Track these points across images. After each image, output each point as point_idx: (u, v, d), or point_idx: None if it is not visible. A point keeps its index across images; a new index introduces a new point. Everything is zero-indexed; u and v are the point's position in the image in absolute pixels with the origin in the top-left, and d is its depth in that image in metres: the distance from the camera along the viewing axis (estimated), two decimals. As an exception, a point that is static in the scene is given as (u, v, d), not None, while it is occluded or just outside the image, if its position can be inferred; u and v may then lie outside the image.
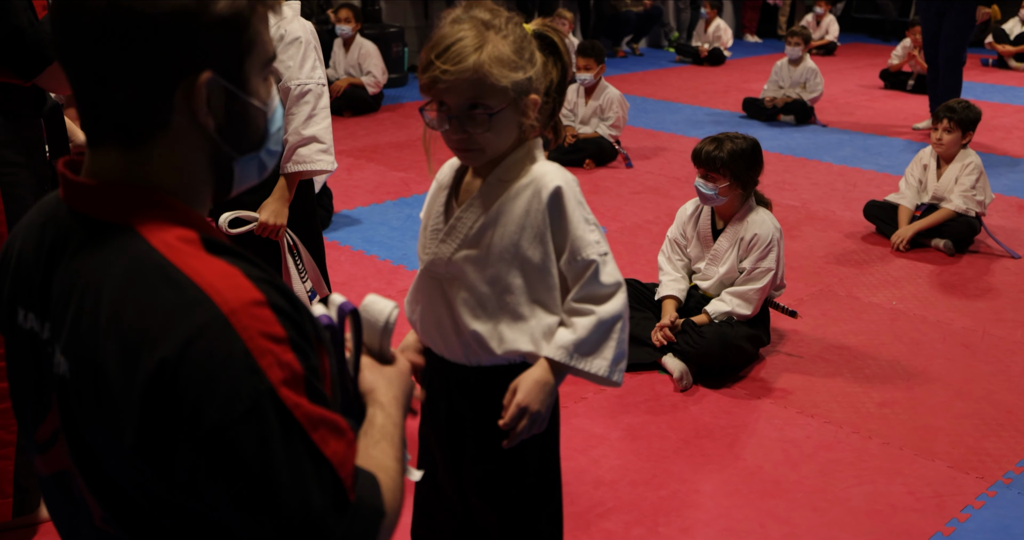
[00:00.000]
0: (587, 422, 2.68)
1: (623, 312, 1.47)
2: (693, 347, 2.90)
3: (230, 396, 0.76)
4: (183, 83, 0.82)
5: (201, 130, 0.85)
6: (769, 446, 2.58)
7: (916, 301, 3.58)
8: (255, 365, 0.77)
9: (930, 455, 2.54)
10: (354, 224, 4.32)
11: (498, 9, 1.38)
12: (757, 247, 2.95)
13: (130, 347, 0.77)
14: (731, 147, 2.90)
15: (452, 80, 1.31)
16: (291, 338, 0.80)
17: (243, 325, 0.77)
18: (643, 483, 2.40)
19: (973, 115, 4.04)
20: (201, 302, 0.77)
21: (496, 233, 1.41)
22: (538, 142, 1.45)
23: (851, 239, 4.26)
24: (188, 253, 0.81)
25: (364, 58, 6.50)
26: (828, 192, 5.00)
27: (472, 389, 1.52)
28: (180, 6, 0.80)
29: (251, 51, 0.86)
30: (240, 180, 0.92)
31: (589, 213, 1.44)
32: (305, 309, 0.87)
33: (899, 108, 7.24)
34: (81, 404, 0.82)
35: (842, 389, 2.91)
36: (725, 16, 10.60)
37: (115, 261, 0.81)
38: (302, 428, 0.79)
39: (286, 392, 0.78)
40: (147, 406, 0.76)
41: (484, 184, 1.43)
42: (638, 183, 5.09)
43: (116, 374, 0.78)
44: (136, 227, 0.83)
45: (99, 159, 0.85)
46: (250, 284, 0.80)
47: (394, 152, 5.61)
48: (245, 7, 0.84)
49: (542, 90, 1.39)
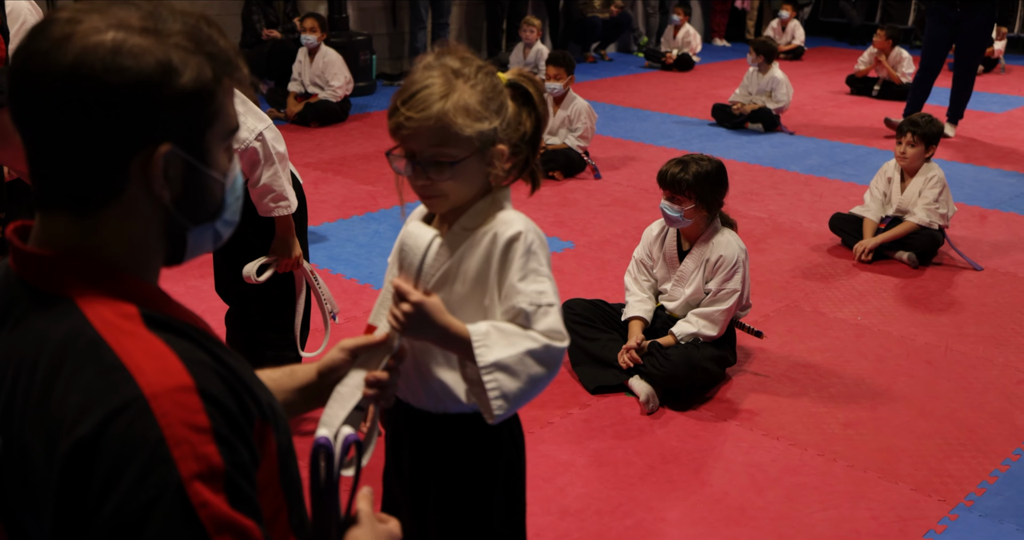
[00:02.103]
0: (553, 448, 2.67)
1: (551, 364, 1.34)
2: (659, 370, 2.89)
3: (134, 484, 0.73)
4: (140, 154, 0.81)
5: (156, 201, 0.84)
6: (735, 471, 2.58)
7: (881, 316, 3.61)
8: (167, 454, 0.74)
9: (893, 478, 2.56)
10: (320, 241, 4.27)
11: (471, 57, 1.36)
12: (723, 269, 2.95)
13: (52, 428, 0.76)
14: (696, 169, 2.90)
15: (416, 127, 1.30)
16: (215, 429, 0.77)
17: (163, 411, 0.75)
18: (609, 512, 2.39)
19: (936, 129, 4.08)
20: (125, 383, 0.76)
21: (458, 281, 1.40)
22: (506, 191, 1.43)
23: (817, 252, 4.29)
24: (123, 330, 0.80)
25: (327, 67, 6.45)
26: (795, 203, 5.03)
27: (437, 436, 1.51)
28: (144, 78, 0.79)
29: (214, 123, 0.85)
30: (193, 250, 0.91)
31: (542, 265, 1.38)
32: (249, 397, 0.84)
33: (865, 114, 7.31)
34: (11, 484, 0.80)
35: (807, 409, 2.92)
36: (694, 21, 10.66)
37: (50, 336, 0.80)
38: (203, 530, 0.75)
39: (197, 487, 0.75)
40: (62, 489, 0.74)
41: (449, 232, 1.41)
42: (607, 195, 5.09)
43: (39, 455, 0.76)
44: (76, 300, 0.81)
45: (48, 226, 0.84)
46: (182, 367, 0.78)
47: (361, 164, 5.56)
48: (211, 80, 0.83)
49: (513, 140, 1.38)
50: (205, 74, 0.82)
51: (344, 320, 3.38)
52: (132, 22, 0.80)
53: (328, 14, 7.62)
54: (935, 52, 6.20)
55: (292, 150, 4.97)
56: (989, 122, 7.17)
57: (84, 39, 0.78)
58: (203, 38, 0.83)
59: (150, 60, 0.79)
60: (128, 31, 0.79)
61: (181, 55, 0.81)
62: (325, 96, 6.48)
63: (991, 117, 7.34)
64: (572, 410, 2.89)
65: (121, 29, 0.79)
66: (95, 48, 0.77)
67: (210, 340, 0.85)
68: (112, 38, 0.78)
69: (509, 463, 1.56)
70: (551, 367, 1.35)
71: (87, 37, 0.78)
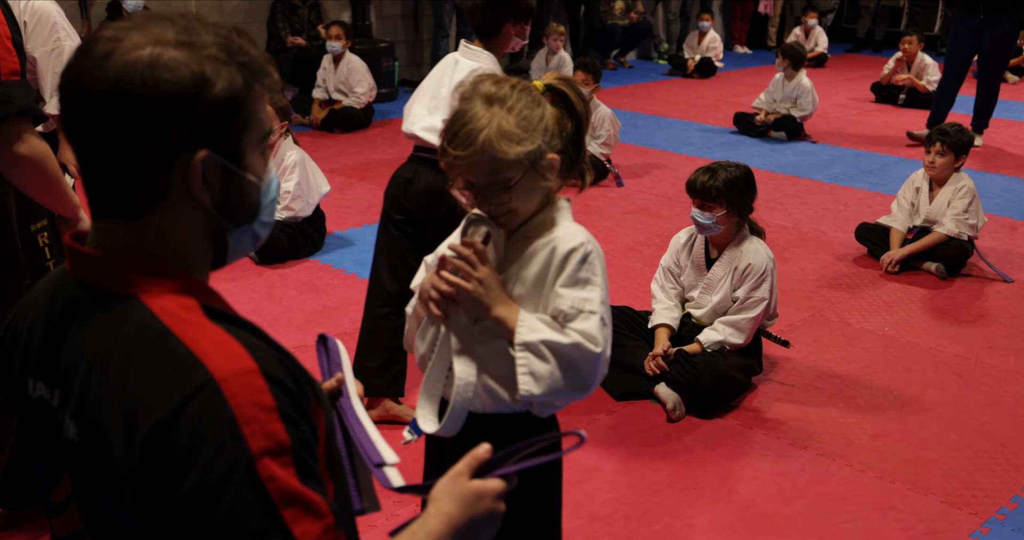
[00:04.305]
0: (580, 453, 2.67)
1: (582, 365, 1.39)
2: (685, 377, 2.89)
3: (209, 460, 0.78)
4: (180, 160, 0.86)
5: (197, 204, 0.88)
6: (762, 479, 2.57)
7: (908, 327, 3.59)
8: (238, 432, 0.79)
9: (923, 489, 2.54)
10: (347, 246, 4.30)
11: (504, 78, 1.41)
12: (751, 277, 2.95)
13: (130, 413, 0.81)
14: (725, 176, 2.91)
15: (466, 163, 1.38)
16: (280, 408, 0.82)
17: (232, 392, 0.80)
18: (636, 518, 2.39)
19: (966, 139, 4.05)
20: (196, 369, 0.81)
21: (517, 285, 1.46)
22: (566, 203, 1.50)
23: (843, 262, 4.26)
24: (188, 321, 0.85)
25: (351, 74, 6.50)
26: (819, 212, 5.01)
27: (478, 436, 1.52)
28: (179, 89, 0.83)
29: (247, 128, 0.89)
30: (234, 251, 0.96)
31: (596, 275, 1.43)
32: (305, 379, 0.89)
33: (890, 123, 7.27)
34: (89, 469, 0.85)
35: (835, 419, 2.90)
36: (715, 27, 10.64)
37: (120, 330, 0.85)
38: (272, 503, 0.80)
39: (266, 462, 0.80)
40: (143, 469, 0.79)
41: (510, 240, 1.47)
42: (629, 203, 5.09)
43: (118, 439, 0.81)
44: (140, 296, 0.87)
45: (103, 230, 0.89)
46: (245, 352, 0.84)
47: (386, 170, 5.58)
48: (242, 88, 0.87)
49: (560, 147, 1.43)
50: (237, 83, 0.86)
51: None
52: (168, 37, 0.84)
53: (351, 21, 7.68)
54: (957, 59, 6.16)
55: (317, 156, 5.02)
56: (1019, 131, 7.10)
57: (125, 55, 0.83)
58: (235, 48, 0.87)
59: (185, 72, 0.83)
60: (164, 46, 0.84)
61: (214, 66, 0.85)
62: (349, 102, 6.53)
63: (1021, 126, 7.28)
64: (598, 416, 2.89)
65: (158, 44, 0.84)
66: (134, 63, 0.82)
67: (261, 330, 0.90)
68: (150, 53, 0.83)
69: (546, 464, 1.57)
70: (582, 369, 1.38)
71: (127, 53, 0.83)
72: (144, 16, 0.87)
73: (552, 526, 1.61)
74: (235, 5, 7.36)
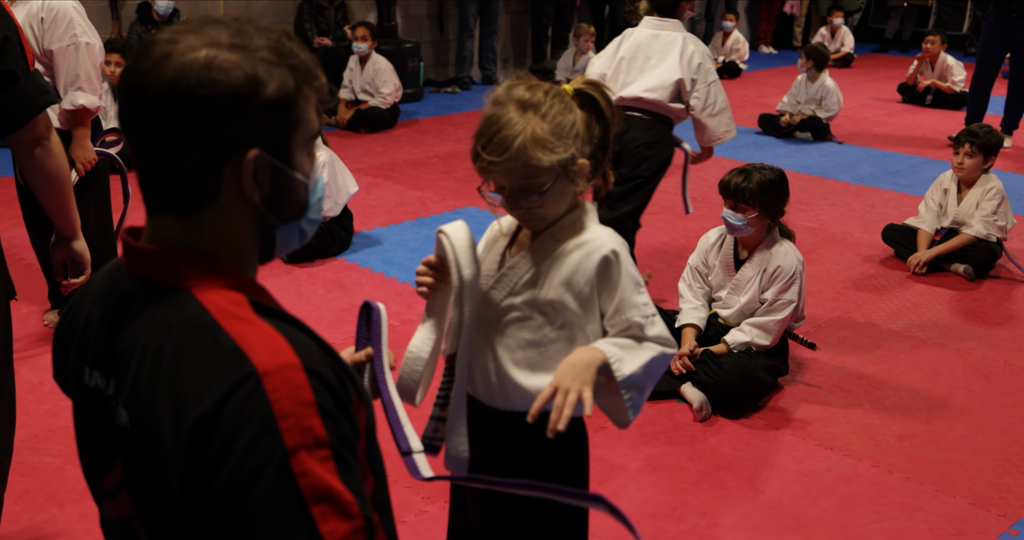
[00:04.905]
0: (606, 451, 2.69)
1: (662, 362, 1.49)
2: (712, 377, 2.91)
3: (245, 451, 0.81)
4: (232, 159, 0.88)
5: (247, 201, 0.91)
6: (789, 479, 2.58)
7: (936, 329, 3.57)
8: (275, 426, 0.81)
9: (951, 491, 2.54)
10: (374, 245, 4.34)
11: (537, 84, 1.43)
12: (780, 279, 2.95)
13: (179, 403, 0.84)
14: (759, 178, 2.92)
15: (500, 169, 1.41)
16: (319, 403, 0.84)
17: (273, 386, 0.82)
18: (663, 516, 2.41)
19: (995, 140, 4.03)
20: (241, 362, 0.83)
21: (542, 288, 1.48)
22: (592, 207, 1.53)
23: (869, 263, 4.25)
24: (237, 316, 0.88)
25: (377, 74, 6.55)
26: (846, 213, 4.99)
27: (505, 431, 1.56)
28: (234, 89, 0.86)
29: (296, 129, 0.92)
30: (281, 247, 0.98)
31: (638, 276, 1.49)
32: (347, 374, 0.91)
33: (917, 124, 7.22)
34: (139, 455, 0.88)
35: (861, 420, 2.91)
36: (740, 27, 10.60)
37: (173, 323, 0.88)
38: (302, 498, 0.81)
39: (301, 457, 0.81)
40: (188, 456, 0.82)
41: (538, 240, 1.50)
42: (654, 203, 5.04)
43: (167, 427, 0.84)
44: (192, 290, 0.90)
45: (157, 226, 0.92)
46: (289, 348, 0.86)
47: (411, 170, 5.64)
48: (292, 89, 0.90)
49: (589, 152, 1.45)
50: (288, 84, 0.89)
51: (399, 322, 3.44)
52: (222, 39, 0.87)
53: (377, 22, 7.74)
54: (990, 59, 6.11)
55: (343, 156, 5.07)
56: (1048, 133, 7.02)
57: (181, 57, 0.85)
58: (285, 51, 0.90)
59: (239, 73, 0.86)
60: (219, 48, 0.86)
61: (266, 68, 0.88)
62: (375, 103, 6.58)
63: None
64: (625, 416, 2.91)
65: (213, 46, 0.86)
66: (190, 64, 0.85)
67: (306, 325, 0.93)
68: (205, 55, 0.86)
69: (571, 461, 1.60)
70: (661, 371, 1.48)
71: (184, 55, 0.85)
72: (199, 20, 0.90)
73: (579, 522, 1.63)
74: (262, 6, 7.44)
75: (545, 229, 1.49)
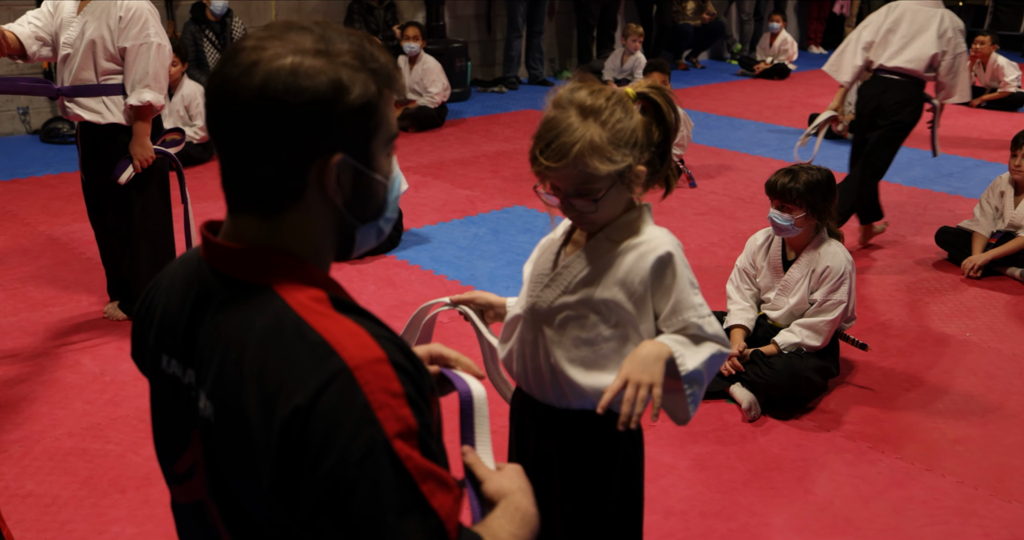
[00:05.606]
0: (655, 450, 2.70)
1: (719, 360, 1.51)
2: (761, 378, 2.90)
3: (348, 441, 0.83)
4: (317, 163, 0.90)
5: (329, 203, 0.93)
6: (840, 481, 2.57)
7: (990, 333, 3.52)
8: (373, 417, 0.83)
9: (1006, 496, 2.51)
10: (423, 243, 4.40)
11: (600, 88, 1.42)
12: (829, 279, 2.94)
13: (269, 395, 0.85)
14: (807, 178, 2.90)
15: (557, 174, 1.41)
16: (408, 394, 0.87)
17: (365, 379, 0.85)
18: (713, 514, 2.41)
19: (1054, 142, 3.95)
20: (330, 357, 0.85)
21: (597, 287, 1.49)
22: (649, 207, 1.53)
23: (922, 266, 4.19)
24: (320, 312, 0.90)
25: (426, 74, 6.61)
26: (898, 215, 4.92)
27: (560, 430, 1.58)
28: (319, 95, 0.88)
29: (378, 132, 0.94)
30: (360, 245, 1.01)
31: (693, 277, 1.50)
32: (423, 367, 0.93)
33: (971, 125, 7.08)
34: (223, 445, 0.90)
35: (914, 424, 2.88)
36: (790, 27, 10.50)
37: (257, 319, 0.90)
38: (412, 479, 0.84)
39: (399, 444, 0.84)
40: (281, 448, 0.84)
41: (593, 239, 1.51)
42: (702, 204, 5.08)
43: (256, 419, 0.86)
44: (274, 287, 0.91)
45: (239, 225, 0.94)
46: (374, 342, 0.88)
47: (459, 169, 5.69)
48: (375, 93, 0.91)
49: (647, 158, 1.44)
50: (370, 89, 0.90)
51: (448, 319, 3.48)
52: (307, 45, 0.89)
53: (426, 22, 7.82)
54: None
55: (395, 154, 5.14)
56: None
57: (268, 64, 0.87)
58: (366, 56, 0.91)
59: (324, 79, 0.87)
60: (304, 54, 0.88)
61: (349, 73, 0.89)
62: (423, 102, 6.65)
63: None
64: (673, 415, 2.92)
65: (298, 53, 0.88)
66: (278, 71, 0.87)
67: (381, 320, 0.96)
68: (291, 62, 0.87)
69: (626, 460, 1.61)
70: (716, 369, 1.50)
71: (271, 62, 0.87)
72: (282, 25, 0.92)
73: (633, 519, 1.64)
74: (313, 5, 7.56)
75: (600, 229, 1.50)
